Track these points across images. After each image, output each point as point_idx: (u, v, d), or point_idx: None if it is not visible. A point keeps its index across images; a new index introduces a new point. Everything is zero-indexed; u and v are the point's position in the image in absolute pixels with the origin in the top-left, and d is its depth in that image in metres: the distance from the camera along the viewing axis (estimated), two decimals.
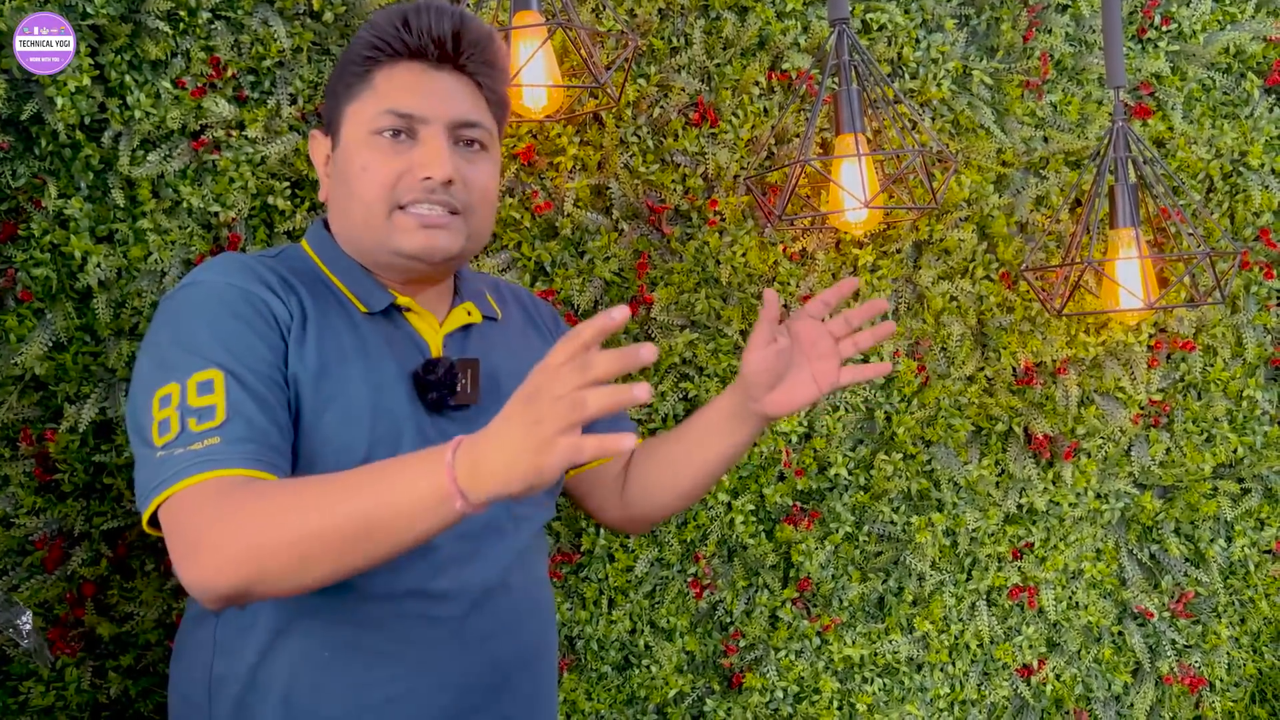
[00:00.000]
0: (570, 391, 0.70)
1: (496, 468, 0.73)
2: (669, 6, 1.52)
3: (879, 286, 1.61)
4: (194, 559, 0.82)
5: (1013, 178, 1.68)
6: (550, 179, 1.47)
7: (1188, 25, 1.76)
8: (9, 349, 1.23)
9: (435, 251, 0.98)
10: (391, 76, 0.99)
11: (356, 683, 0.94)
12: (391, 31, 0.99)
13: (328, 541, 0.79)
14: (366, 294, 1.01)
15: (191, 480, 0.85)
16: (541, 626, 1.06)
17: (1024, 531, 1.69)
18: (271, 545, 0.80)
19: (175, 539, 0.85)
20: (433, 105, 0.98)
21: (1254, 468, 1.79)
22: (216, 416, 0.87)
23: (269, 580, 0.81)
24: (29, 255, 1.24)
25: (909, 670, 1.64)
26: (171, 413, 0.87)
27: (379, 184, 0.97)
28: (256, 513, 0.82)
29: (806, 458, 1.58)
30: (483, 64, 1.03)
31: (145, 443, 0.89)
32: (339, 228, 1.04)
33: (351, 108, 1.01)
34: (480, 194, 1.01)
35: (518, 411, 0.72)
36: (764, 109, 1.56)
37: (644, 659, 1.51)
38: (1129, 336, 1.72)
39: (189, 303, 0.94)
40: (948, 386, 1.64)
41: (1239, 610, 1.81)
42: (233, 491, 0.84)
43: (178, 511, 0.85)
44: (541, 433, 0.70)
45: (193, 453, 0.86)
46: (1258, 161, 1.78)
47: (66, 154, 1.25)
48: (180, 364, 0.90)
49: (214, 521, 0.82)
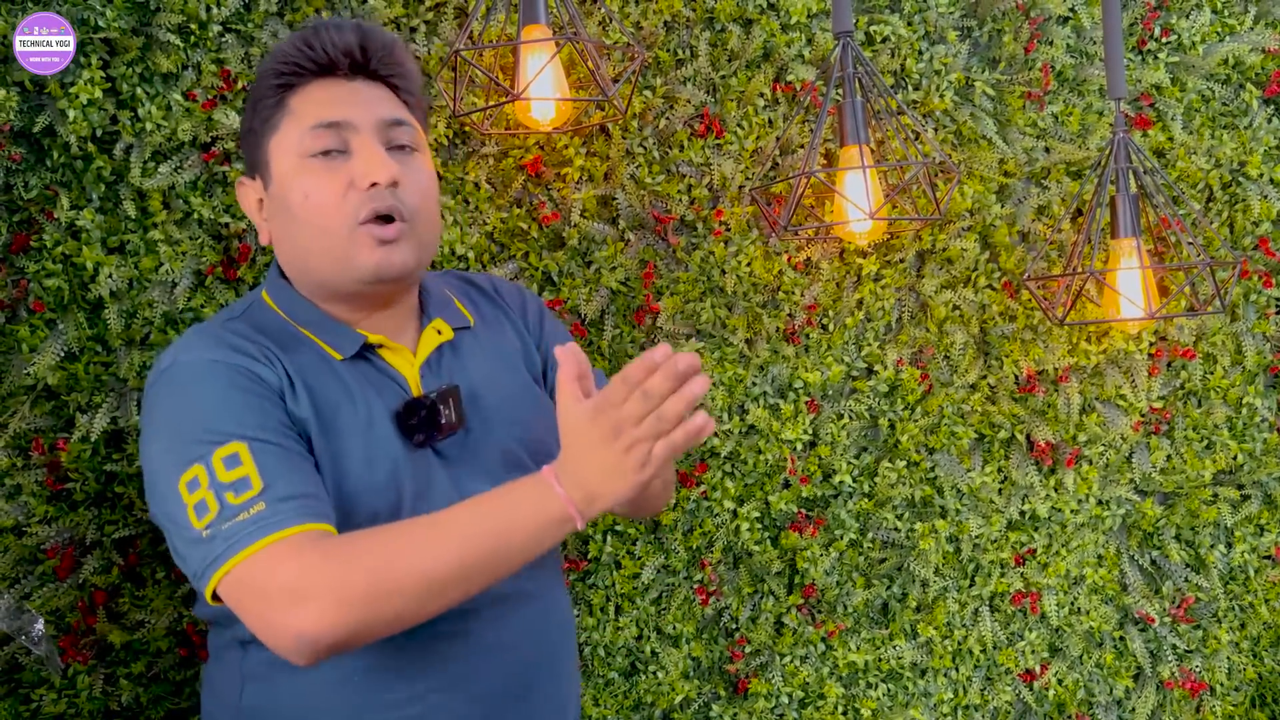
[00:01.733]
0: (647, 413, 0.83)
1: (607, 491, 0.85)
2: (675, 19, 1.54)
3: (882, 295, 1.62)
4: (299, 611, 0.82)
5: (1015, 188, 1.70)
6: (557, 190, 1.48)
7: (1187, 37, 1.78)
8: (21, 359, 1.24)
9: (392, 269, 0.97)
10: (307, 96, 0.98)
11: (388, 701, 0.95)
12: (297, 54, 0.99)
13: (452, 578, 0.84)
14: (337, 340, 1.00)
15: (254, 548, 0.84)
16: (562, 632, 1.07)
17: (1026, 538, 1.70)
18: (394, 588, 0.82)
19: (259, 602, 0.83)
20: (357, 111, 0.98)
21: (1254, 474, 1.81)
22: (253, 486, 0.86)
23: (386, 618, 0.83)
24: (41, 266, 1.25)
25: (913, 676, 1.65)
26: (205, 494, 0.86)
27: (328, 206, 0.96)
28: (370, 556, 0.83)
29: (811, 465, 1.59)
30: (395, 66, 1.02)
31: (183, 530, 0.88)
32: (294, 267, 1.01)
33: (274, 140, 0.99)
34: (422, 196, 1.00)
35: (603, 443, 0.84)
36: (769, 120, 1.57)
37: (650, 665, 1.52)
38: (1130, 345, 1.73)
39: (180, 384, 0.92)
40: (951, 394, 1.65)
41: (1239, 615, 1.82)
42: (315, 543, 0.84)
43: (253, 576, 0.84)
44: (638, 452, 0.84)
45: (241, 523, 0.85)
46: (1256, 171, 1.79)
47: (78, 166, 1.26)
48: (197, 446, 0.88)
49: (317, 571, 0.82)
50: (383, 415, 0.97)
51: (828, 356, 1.59)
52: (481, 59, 1.42)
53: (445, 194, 1.43)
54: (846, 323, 1.60)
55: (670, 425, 0.84)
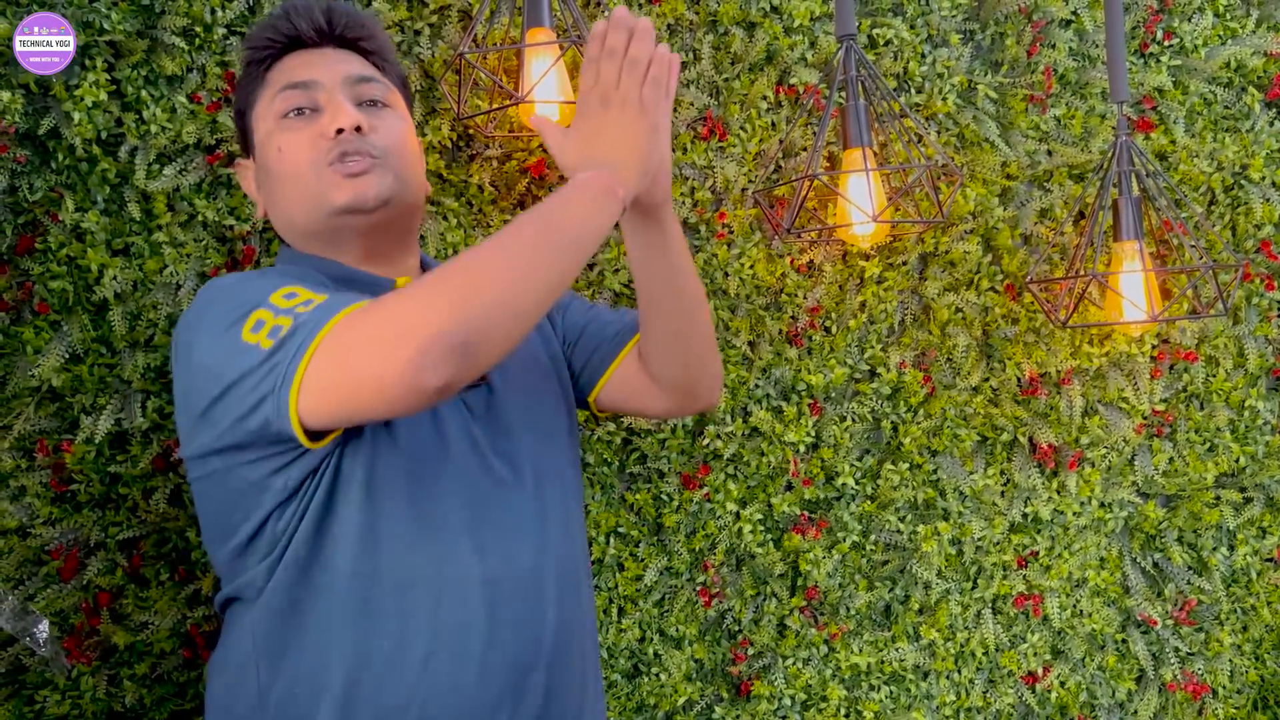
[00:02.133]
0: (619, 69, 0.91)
1: (625, 152, 0.92)
2: (678, 22, 1.54)
3: (885, 298, 1.62)
4: (411, 325, 0.79)
5: (1017, 191, 1.70)
6: None
7: (1189, 40, 1.78)
8: (26, 361, 1.24)
9: (367, 198, 0.99)
10: (281, 67, 1.04)
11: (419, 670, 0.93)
12: (268, 34, 1.05)
13: (534, 256, 0.84)
14: (368, 285, 1.02)
15: (338, 317, 0.83)
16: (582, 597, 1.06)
17: (1029, 540, 1.70)
18: (484, 276, 0.81)
19: (366, 345, 0.81)
20: (323, 70, 1.02)
21: (1256, 477, 1.81)
22: (317, 298, 0.87)
23: (490, 313, 0.80)
24: (46, 268, 1.25)
25: (915, 678, 1.65)
26: (276, 321, 0.86)
27: (299, 157, 1.00)
28: (446, 268, 0.83)
29: (814, 467, 1.59)
30: (362, 30, 1.07)
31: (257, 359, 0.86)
32: (284, 225, 1.05)
33: (255, 111, 1.05)
34: (395, 140, 1.02)
35: (598, 118, 0.92)
36: (771, 123, 1.58)
37: (653, 667, 1.53)
38: (1132, 347, 1.73)
39: (218, 286, 0.94)
40: (953, 397, 1.65)
41: (1241, 618, 1.82)
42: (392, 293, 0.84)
43: (351, 331, 0.82)
44: (631, 103, 0.92)
45: (319, 311, 0.84)
46: (1259, 174, 1.80)
47: (83, 168, 1.27)
48: (251, 300, 0.89)
49: (405, 296, 0.81)
50: None
51: (830, 359, 1.60)
52: (485, 62, 1.42)
53: (449, 196, 1.43)
54: (849, 325, 1.60)
55: (644, 67, 0.92)
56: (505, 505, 1.00)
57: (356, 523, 0.94)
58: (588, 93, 0.93)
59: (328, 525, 0.94)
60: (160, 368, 1.29)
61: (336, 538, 0.94)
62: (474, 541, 0.97)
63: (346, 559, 0.94)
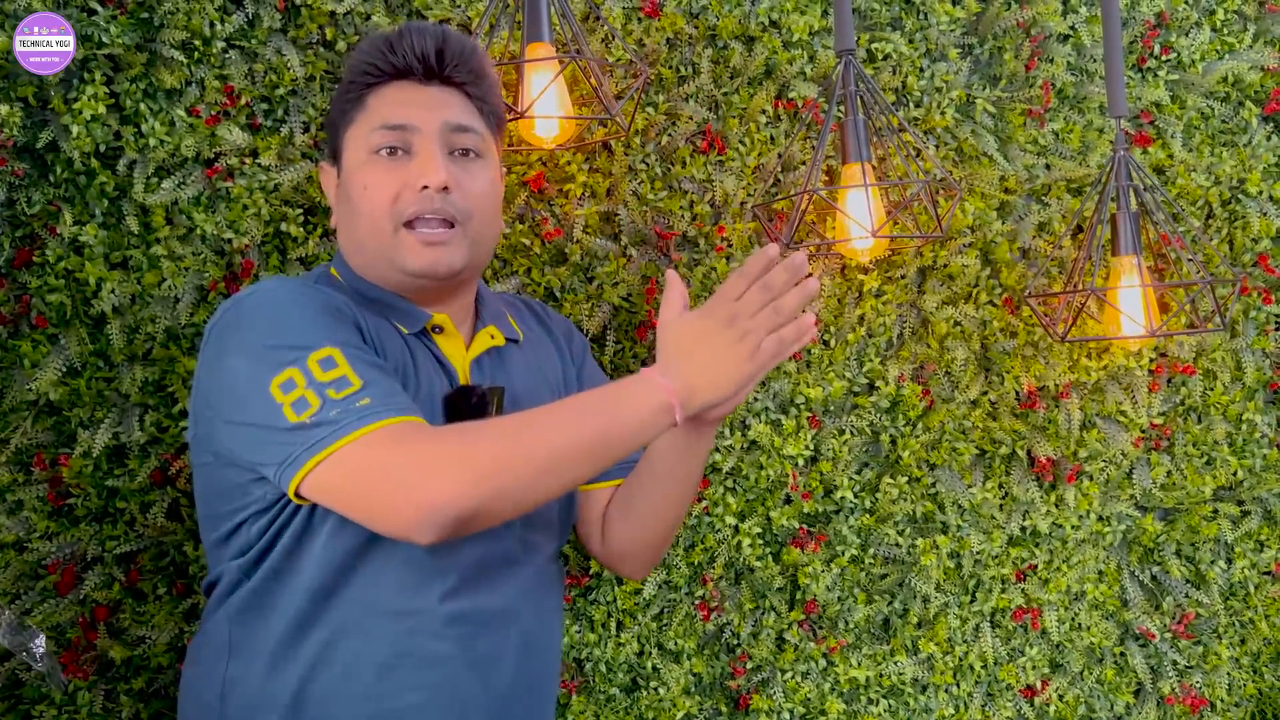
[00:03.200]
0: (765, 304, 0.90)
1: (710, 382, 0.91)
2: (677, 36, 1.54)
3: (884, 311, 1.62)
4: (432, 482, 0.84)
5: (1015, 205, 1.70)
6: (560, 206, 1.48)
7: (1187, 55, 1.79)
8: (24, 374, 1.24)
9: (439, 268, 1.02)
10: (383, 96, 1.04)
11: (362, 694, 0.96)
12: (378, 55, 1.04)
13: (567, 456, 0.87)
14: (403, 316, 1.05)
15: (368, 429, 0.86)
16: (547, 656, 1.07)
17: (1027, 554, 1.70)
18: (517, 461, 0.85)
19: (381, 479, 0.85)
20: (422, 114, 1.02)
21: (1254, 490, 1.81)
22: (353, 383, 0.88)
23: (506, 497, 0.86)
24: (44, 281, 1.25)
25: (914, 691, 1.65)
26: (303, 392, 0.88)
27: (381, 200, 1.01)
28: (489, 436, 0.87)
29: (813, 481, 1.59)
30: (469, 74, 1.06)
31: (275, 424, 0.89)
32: (351, 251, 1.07)
33: (349, 133, 1.05)
34: (478, 200, 1.04)
35: (716, 332, 0.90)
36: (770, 137, 1.58)
37: (652, 681, 1.52)
38: (1130, 361, 1.73)
39: (267, 304, 0.96)
40: (952, 410, 1.65)
41: (1239, 631, 1.82)
42: (431, 429, 0.87)
43: (372, 454, 0.85)
44: (751, 341, 0.90)
45: (348, 409, 0.87)
46: (1256, 189, 1.80)
47: (81, 181, 1.26)
48: (289, 352, 0.91)
49: (442, 446, 0.85)
50: (433, 396, 1.01)
51: (829, 372, 1.60)
52: None
53: None
54: (848, 339, 1.60)
55: (785, 319, 0.90)
56: (481, 544, 1.00)
57: (329, 548, 0.96)
58: (724, 300, 0.91)
59: (303, 544, 0.97)
60: (158, 381, 1.29)
61: (309, 558, 0.96)
62: (444, 580, 0.98)
63: (314, 578, 0.96)
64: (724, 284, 0.92)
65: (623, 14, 1.51)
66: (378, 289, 1.05)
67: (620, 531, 1.16)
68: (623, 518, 1.15)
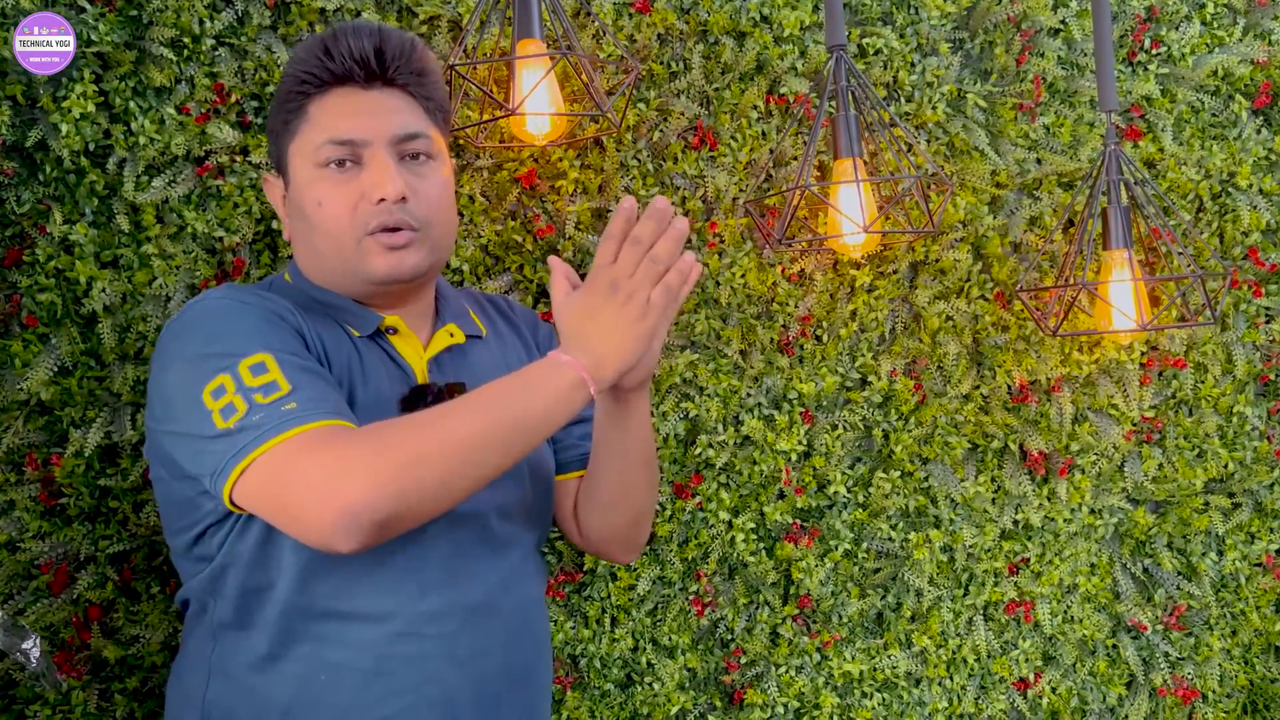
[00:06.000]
0: (639, 260, 0.88)
1: (613, 348, 0.89)
2: (668, 32, 1.54)
3: (876, 306, 1.63)
4: (343, 486, 0.82)
5: (1007, 199, 1.71)
6: (551, 202, 1.48)
7: (1177, 49, 1.79)
8: (14, 374, 1.24)
9: (404, 272, 1.01)
10: (324, 105, 1.01)
11: (351, 704, 0.95)
12: (315, 62, 1.01)
13: (482, 443, 0.86)
14: (355, 319, 1.03)
15: (286, 435, 0.85)
16: (534, 648, 1.06)
17: (1020, 547, 1.71)
18: (429, 454, 0.84)
19: (296, 486, 0.84)
20: (369, 126, 1.00)
21: (1244, 482, 1.82)
22: (281, 387, 0.88)
23: (424, 492, 0.84)
24: (34, 281, 1.25)
25: (908, 685, 1.66)
26: (231, 398, 0.87)
27: (338, 216, 0.99)
28: (401, 431, 0.85)
29: (806, 476, 1.59)
30: (412, 74, 1.03)
31: (204, 432, 0.88)
32: (310, 265, 1.05)
33: (294, 145, 1.02)
34: (434, 205, 1.03)
35: (603, 301, 0.90)
36: (762, 133, 1.58)
37: (646, 676, 1.53)
38: (1122, 354, 1.74)
39: (208, 313, 0.95)
40: (944, 405, 1.66)
41: (1230, 623, 1.83)
42: (349, 431, 0.86)
43: (289, 461, 0.84)
44: (638, 299, 0.89)
45: (270, 415, 0.86)
46: (1246, 182, 1.81)
47: (71, 180, 1.26)
48: (221, 359, 0.90)
49: (353, 448, 0.84)
50: (389, 399, 0.99)
51: (822, 367, 1.60)
52: (475, 73, 1.42)
53: None
54: (840, 334, 1.61)
55: (664, 266, 0.89)
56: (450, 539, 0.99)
57: (297, 555, 0.95)
58: (601, 269, 0.91)
59: (268, 555, 0.96)
60: None
61: (276, 569, 0.95)
62: (418, 578, 0.97)
63: (286, 590, 0.95)
64: (597, 252, 0.91)
65: (613, 10, 1.50)
66: (330, 293, 1.04)
67: (593, 519, 1.14)
68: (590, 504, 1.14)
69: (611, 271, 0.90)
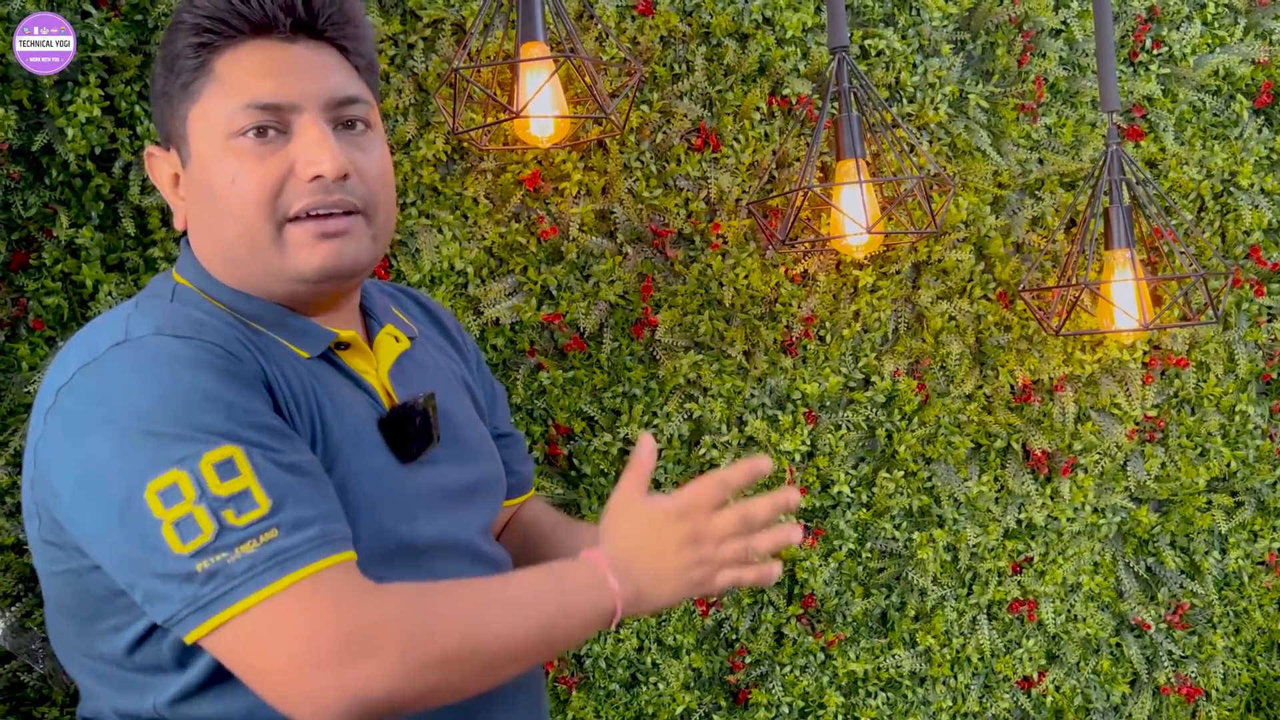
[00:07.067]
0: (734, 538, 0.78)
1: (659, 598, 0.79)
2: (671, 34, 1.55)
3: (879, 307, 1.63)
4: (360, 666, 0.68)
5: (1009, 199, 1.71)
6: (555, 204, 1.49)
7: (1178, 49, 1.80)
8: (21, 377, 1.24)
9: (342, 266, 0.80)
10: (238, 61, 0.79)
11: None
12: (224, 5, 0.79)
13: (511, 651, 0.75)
14: (300, 337, 0.82)
15: (274, 588, 0.68)
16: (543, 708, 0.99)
17: (1023, 546, 1.71)
18: (483, 645, 0.73)
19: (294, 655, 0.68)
20: (300, 87, 0.79)
21: (1247, 481, 1.82)
22: (259, 504, 0.69)
23: (456, 683, 0.73)
24: (40, 284, 1.25)
25: (912, 684, 1.66)
26: (191, 508, 0.68)
27: (257, 196, 0.78)
28: (450, 606, 0.73)
29: (810, 476, 1.60)
30: (345, 24, 0.83)
31: (154, 552, 0.69)
32: (213, 259, 0.83)
33: (195, 110, 0.80)
34: (377, 183, 0.83)
35: (674, 541, 0.78)
36: (765, 134, 1.58)
37: (651, 676, 1.53)
38: (1124, 354, 1.74)
39: (144, 366, 0.72)
40: (947, 404, 1.66)
41: (1234, 621, 1.83)
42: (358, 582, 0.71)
43: (280, 624, 0.68)
44: (707, 570, 0.78)
45: (252, 555, 0.68)
46: (1247, 181, 1.81)
47: (77, 184, 1.26)
48: (175, 445, 0.69)
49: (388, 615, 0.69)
50: (365, 432, 0.82)
51: (825, 368, 1.60)
52: (479, 76, 1.42)
53: (444, 209, 1.44)
54: (843, 334, 1.61)
55: (744, 552, 0.78)
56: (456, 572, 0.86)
57: None
58: (692, 510, 0.78)
59: None
60: None
61: None
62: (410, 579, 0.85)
63: None
64: (700, 485, 0.78)
65: (616, 12, 1.51)
66: (260, 302, 0.82)
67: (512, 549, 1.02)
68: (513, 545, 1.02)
69: (704, 527, 0.78)
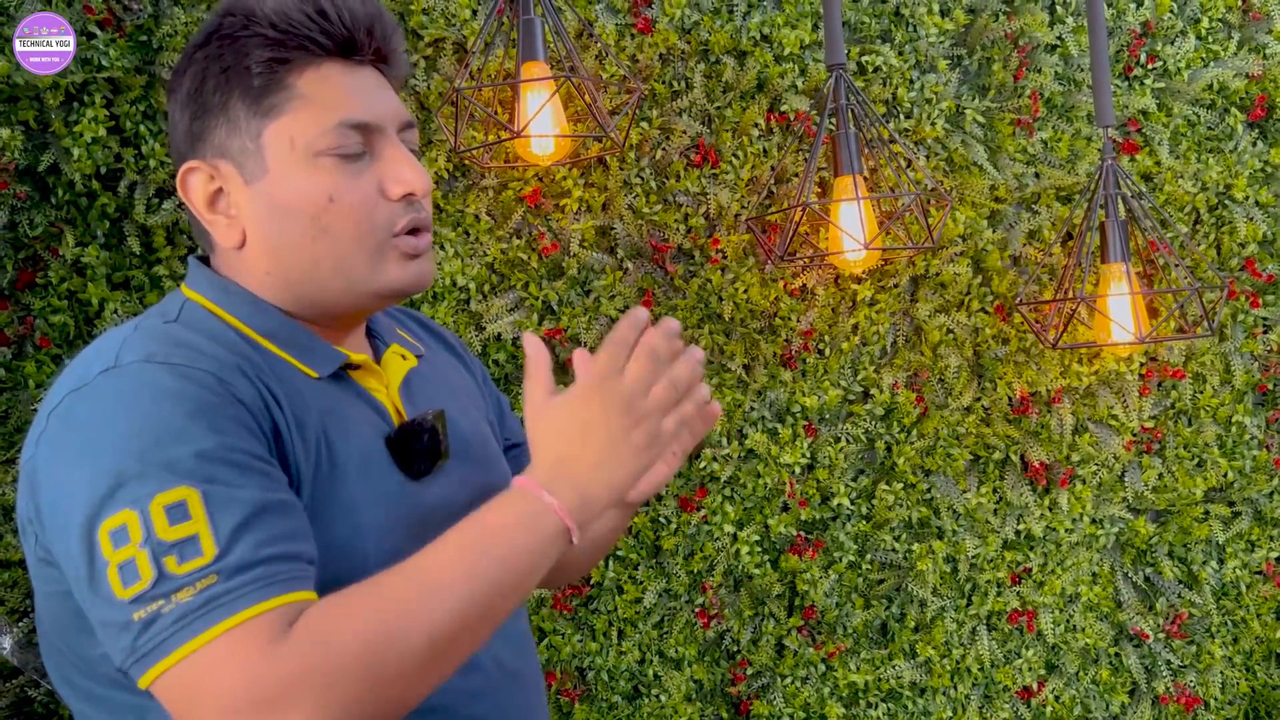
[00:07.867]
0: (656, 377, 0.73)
1: (602, 481, 0.73)
2: (670, 52, 1.56)
3: (877, 320, 1.64)
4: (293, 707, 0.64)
5: (1006, 213, 1.73)
6: (556, 221, 1.50)
7: (1173, 63, 1.81)
8: (28, 394, 1.25)
9: (426, 281, 0.83)
10: (325, 80, 0.79)
11: None
12: (307, 24, 0.78)
13: (453, 631, 0.69)
14: (311, 356, 0.80)
15: (200, 641, 0.65)
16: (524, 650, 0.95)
17: (1022, 557, 1.72)
18: (398, 660, 0.67)
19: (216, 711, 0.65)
20: (383, 109, 0.81)
21: (1244, 491, 1.83)
22: (203, 551, 0.66)
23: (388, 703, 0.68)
24: (47, 303, 1.26)
25: (912, 695, 1.67)
26: (134, 551, 0.66)
27: (361, 213, 0.78)
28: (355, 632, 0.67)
29: (809, 488, 1.61)
30: (398, 50, 0.86)
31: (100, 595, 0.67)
32: (270, 272, 0.81)
33: (274, 126, 0.78)
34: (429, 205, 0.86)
35: (601, 416, 0.72)
36: (763, 150, 1.60)
37: (653, 688, 1.54)
38: (1121, 366, 1.76)
39: (120, 394, 0.70)
40: (946, 417, 1.67)
41: (1232, 630, 1.84)
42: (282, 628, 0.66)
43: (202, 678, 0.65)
44: (647, 427, 0.73)
45: (183, 605, 0.65)
46: (1242, 194, 1.83)
47: (83, 203, 1.28)
48: (133, 485, 0.67)
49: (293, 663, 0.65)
50: (375, 445, 0.81)
51: (824, 381, 1.62)
52: (480, 95, 1.44)
53: (446, 226, 1.45)
54: (842, 348, 1.62)
55: (682, 393, 0.74)
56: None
57: None
58: (604, 377, 0.72)
59: None
60: None
61: None
62: None
63: None
64: (599, 356, 0.73)
65: (616, 31, 1.52)
66: (280, 319, 0.81)
67: None
68: None
69: (623, 386, 0.72)
